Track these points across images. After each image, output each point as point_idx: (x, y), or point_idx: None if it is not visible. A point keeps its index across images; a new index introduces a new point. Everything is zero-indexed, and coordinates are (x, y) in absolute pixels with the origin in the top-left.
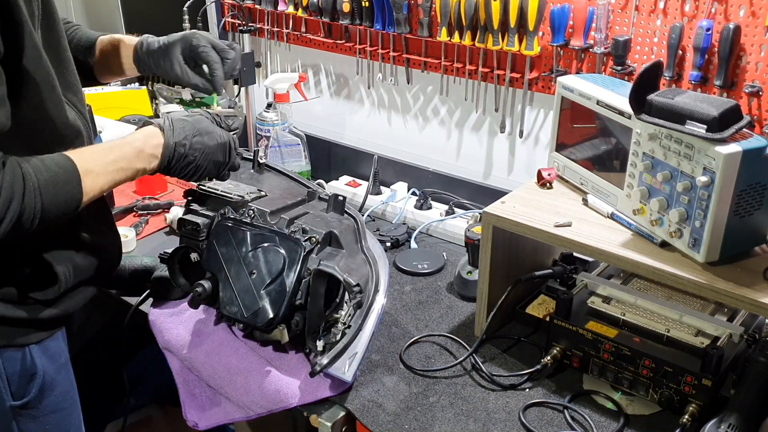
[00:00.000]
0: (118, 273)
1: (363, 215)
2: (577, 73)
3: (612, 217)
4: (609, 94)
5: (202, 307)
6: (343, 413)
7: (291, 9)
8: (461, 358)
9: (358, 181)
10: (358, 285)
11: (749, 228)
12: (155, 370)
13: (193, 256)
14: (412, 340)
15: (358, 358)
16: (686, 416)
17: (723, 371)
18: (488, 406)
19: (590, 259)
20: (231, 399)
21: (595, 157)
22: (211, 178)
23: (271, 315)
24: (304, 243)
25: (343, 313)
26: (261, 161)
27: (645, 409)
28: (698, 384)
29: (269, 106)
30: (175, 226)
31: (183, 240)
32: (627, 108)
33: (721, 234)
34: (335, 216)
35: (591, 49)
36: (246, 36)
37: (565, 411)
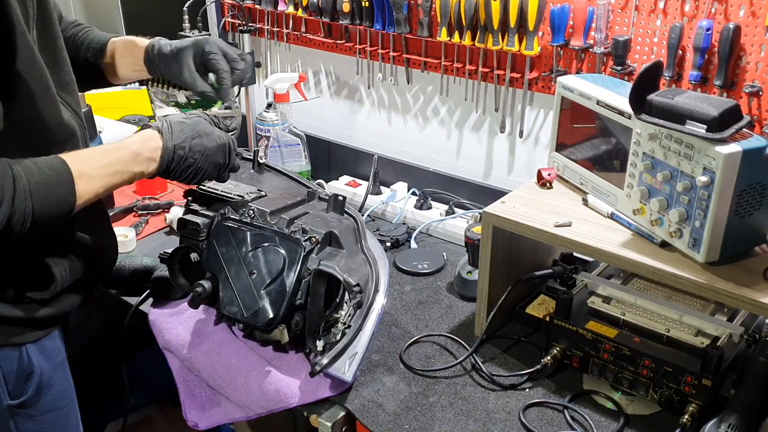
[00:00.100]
0: (118, 273)
1: (363, 215)
2: (577, 73)
3: (612, 217)
4: (609, 94)
5: (202, 307)
6: (343, 413)
7: (291, 9)
8: (461, 358)
9: (358, 181)
10: (358, 285)
11: (749, 228)
12: (155, 370)
13: (193, 256)
14: (412, 340)
15: (358, 358)
16: (686, 416)
17: (723, 371)
18: (488, 406)
19: (590, 259)
20: (231, 399)
21: (595, 157)
22: (211, 180)
23: (271, 315)
24: (304, 243)
25: (343, 313)
26: (261, 161)
27: (645, 409)
28: (698, 384)
29: (269, 106)
30: (175, 226)
31: (183, 240)
32: (627, 108)
33: (721, 234)
34: (335, 216)
35: (591, 49)
36: (246, 36)
37: (565, 411)
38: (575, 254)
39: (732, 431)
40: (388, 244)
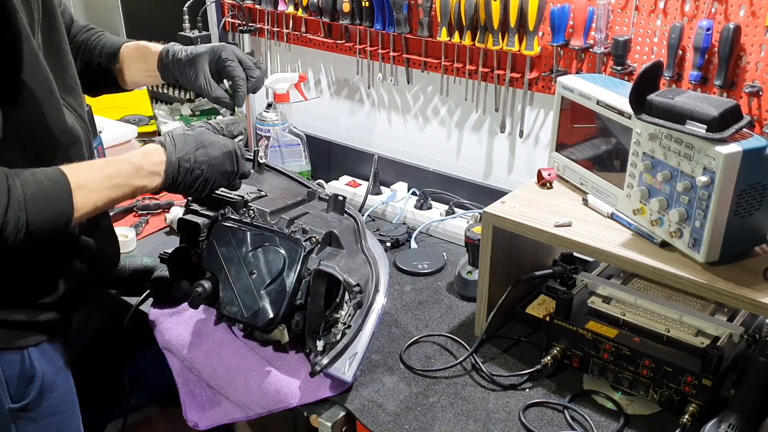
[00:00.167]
0: (118, 273)
1: (363, 215)
2: (577, 73)
3: (612, 217)
4: (609, 94)
5: (202, 307)
6: (343, 413)
7: (291, 9)
8: (461, 358)
9: (358, 181)
10: (358, 285)
11: (749, 228)
12: (155, 370)
13: (193, 256)
14: (412, 340)
15: (358, 358)
16: (686, 416)
17: (723, 371)
18: (488, 406)
19: (590, 259)
20: (231, 399)
21: (595, 157)
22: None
23: (271, 315)
24: (304, 243)
25: (343, 313)
26: (261, 161)
27: (645, 409)
28: (698, 384)
29: (269, 106)
30: (175, 226)
31: (183, 240)
32: (627, 108)
33: (721, 234)
34: (335, 216)
35: (591, 49)
36: (246, 36)
37: (565, 411)
38: (575, 254)
39: (732, 431)
40: (388, 244)
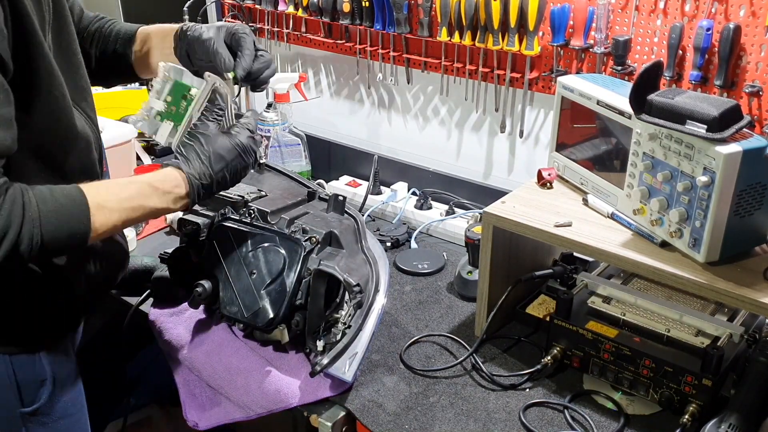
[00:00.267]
0: None
1: (363, 215)
2: (577, 73)
3: (612, 217)
4: (609, 94)
5: (202, 307)
6: (343, 413)
7: (291, 9)
8: (461, 358)
9: (358, 181)
10: (358, 285)
11: (749, 228)
12: (155, 370)
13: (193, 256)
14: (413, 340)
15: (358, 358)
16: (686, 416)
17: (723, 371)
18: (488, 406)
19: (590, 259)
20: (231, 399)
21: (595, 157)
22: None
23: (272, 315)
24: (304, 243)
25: (343, 313)
26: (261, 161)
27: (645, 409)
28: (698, 384)
29: (269, 106)
30: (175, 226)
31: (183, 240)
32: (627, 108)
33: (721, 234)
34: (335, 216)
35: (591, 49)
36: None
37: (566, 411)
38: (575, 254)
39: (732, 431)
40: (389, 244)
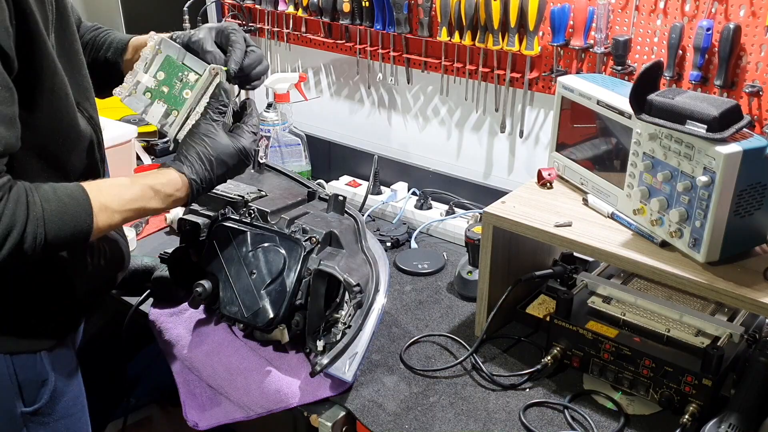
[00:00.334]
0: None
1: (363, 215)
2: (578, 73)
3: (612, 217)
4: (609, 94)
5: (202, 307)
6: (343, 413)
7: (291, 9)
8: (461, 358)
9: (358, 181)
10: (358, 285)
11: (749, 228)
12: (155, 370)
13: (193, 256)
14: (413, 340)
15: (358, 358)
16: (686, 416)
17: (723, 371)
18: (488, 406)
19: (590, 259)
20: (231, 399)
21: (595, 157)
22: None
23: (272, 315)
24: (304, 243)
25: (343, 313)
26: (261, 161)
27: (645, 409)
28: (698, 384)
29: (269, 106)
30: (175, 226)
31: (183, 240)
32: (627, 108)
33: (722, 234)
34: (335, 216)
35: (591, 49)
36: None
37: (566, 411)
38: (575, 254)
39: (732, 431)
40: (389, 244)
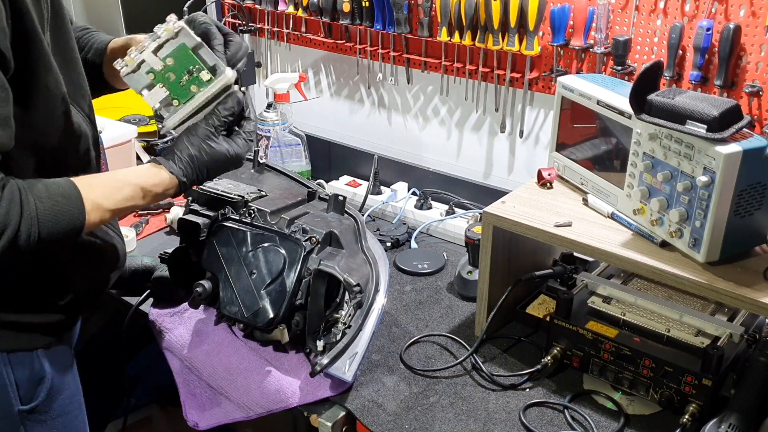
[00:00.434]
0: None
1: (363, 215)
2: (578, 73)
3: (612, 217)
4: (609, 94)
5: (202, 307)
6: (343, 413)
7: (291, 9)
8: (461, 358)
9: (358, 181)
10: (358, 285)
11: (749, 228)
12: (155, 370)
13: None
14: (413, 340)
15: (358, 358)
16: (686, 416)
17: (723, 371)
18: (488, 406)
19: (590, 259)
20: (231, 399)
21: (595, 157)
22: None
23: (272, 315)
24: (304, 243)
25: (343, 313)
26: (261, 161)
27: (645, 409)
28: (698, 384)
29: (269, 106)
30: (175, 226)
31: (183, 240)
32: (627, 108)
33: (722, 234)
34: (335, 216)
35: (591, 49)
36: (246, 36)
37: (566, 411)
38: (575, 254)
39: (732, 431)
40: (389, 244)
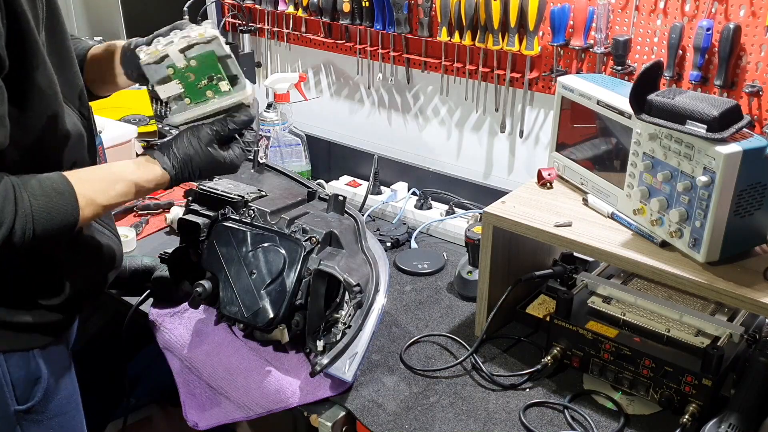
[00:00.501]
0: (118, 273)
1: (363, 215)
2: (578, 73)
3: (612, 217)
4: (609, 93)
5: (202, 307)
6: (343, 413)
7: (291, 9)
8: (461, 358)
9: (358, 181)
10: (358, 285)
11: (749, 228)
12: (155, 370)
13: (193, 256)
14: (413, 340)
15: (358, 358)
16: (686, 416)
17: (723, 371)
18: (488, 406)
19: (590, 259)
20: (231, 399)
21: (595, 157)
22: None
23: (272, 315)
24: (304, 243)
25: (343, 313)
26: (261, 161)
27: (645, 409)
28: (698, 384)
29: (269, 106)
30: (175, 226)
31: (183, 240)
32: (627, 108)
33: (722, 234)
34: (335, 216)
35: (591, 49)
36: (246, 36)
37: (566, 411)
38: (575, 254)
39: (732, 431)
40: (389, 244)
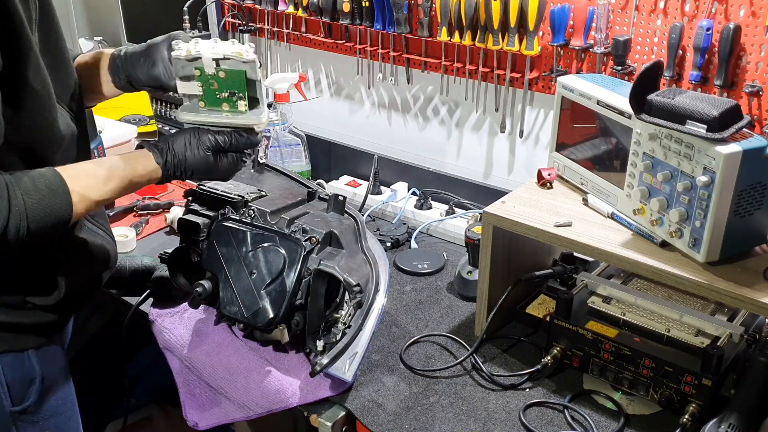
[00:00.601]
0: (118, 273)
1: (363, 215)
2: (577, 72)
3: (612, 217)
4: (609, 93)
5: (202, 307)
6: (343, 413)
7: (291, 9)
8: (461, 358)
9: (358, 181)
10: (358, 285)
11: (749, 228)
12: (155, 370)
13: (193, 256)
14: (412, 340)
15: (358, 358)
16: (686, 416)
17: (723, 371)
18: (488, 406)
19: (590, 259)
20: (231, 399)
21: (595, 157)
22: None
23: (272, 315)
24: (304, 243)
25: (343, 313)
26: (261, 161)
27: (645, 409)
28: (698, 384)
29: (269, 106)
30: (175, 226)
31: (183, 240)
32: (627, 108)
33: (721, 234)
34: (335, 216)
35: (591, 49)
36: (246, 36)
37: (566, 411)
38: (575, 254)
39: (732, 431)
40: (389, 244)
